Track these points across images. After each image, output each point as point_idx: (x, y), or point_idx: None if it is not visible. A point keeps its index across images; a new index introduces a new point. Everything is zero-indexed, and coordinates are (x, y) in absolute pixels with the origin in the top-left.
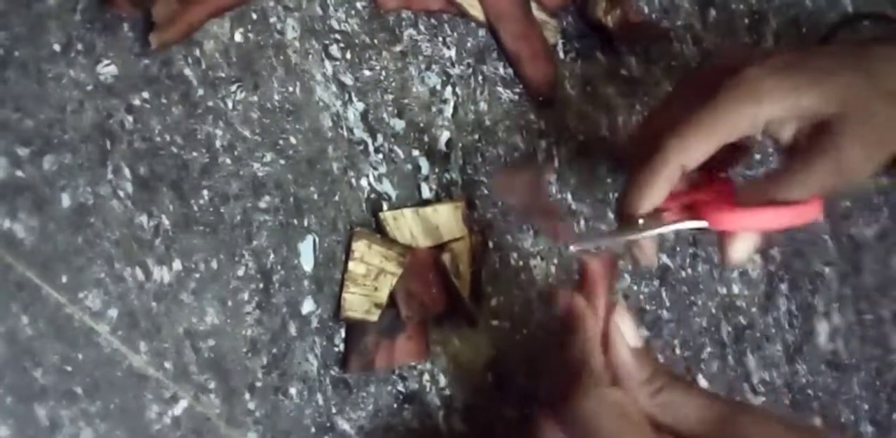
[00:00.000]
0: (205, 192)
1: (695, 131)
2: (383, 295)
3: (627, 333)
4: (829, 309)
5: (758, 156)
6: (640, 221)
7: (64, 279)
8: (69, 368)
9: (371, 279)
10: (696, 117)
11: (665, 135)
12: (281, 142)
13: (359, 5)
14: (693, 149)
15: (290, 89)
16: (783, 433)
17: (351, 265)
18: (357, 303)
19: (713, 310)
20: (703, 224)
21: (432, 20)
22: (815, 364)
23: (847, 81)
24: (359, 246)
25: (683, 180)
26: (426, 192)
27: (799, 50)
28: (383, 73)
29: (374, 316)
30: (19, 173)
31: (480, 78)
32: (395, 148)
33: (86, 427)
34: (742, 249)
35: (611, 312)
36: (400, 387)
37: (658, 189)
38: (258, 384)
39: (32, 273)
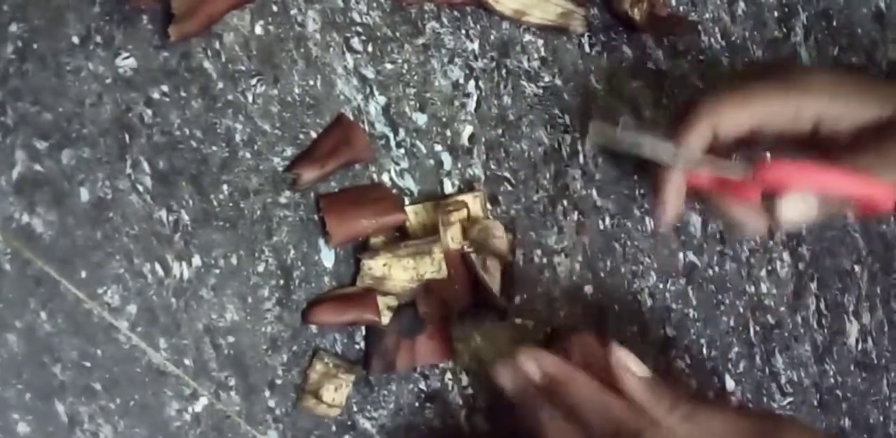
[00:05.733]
0: (224, 187)
1: (730, 97)
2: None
3: (633, 367)
4: (858, 309)
5: None
6: (687, 149)
7: (83, 274)
8: (88, 364)
9: (385, 279)
10: (739, 88)
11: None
12: (301, 136)
13: None
14: (725, 114)
15: (311, 82)
16: None
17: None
18: None
19: (741, 309)
20: (748, 172)
21: (455, 12)
22: (845, 364)
23: None
24: (375, 243)
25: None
26: (448, 188)
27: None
28: (405, 66)
29: (385, 319)
30: (38, 167)
31: (504, 71)
32: (417, 142)
33: (105, 423)
34: (793, 207)
35: (609, 354)
36: (422, 386)
37: (691, 141)
38: (278, 381)
39: (51, 268)
